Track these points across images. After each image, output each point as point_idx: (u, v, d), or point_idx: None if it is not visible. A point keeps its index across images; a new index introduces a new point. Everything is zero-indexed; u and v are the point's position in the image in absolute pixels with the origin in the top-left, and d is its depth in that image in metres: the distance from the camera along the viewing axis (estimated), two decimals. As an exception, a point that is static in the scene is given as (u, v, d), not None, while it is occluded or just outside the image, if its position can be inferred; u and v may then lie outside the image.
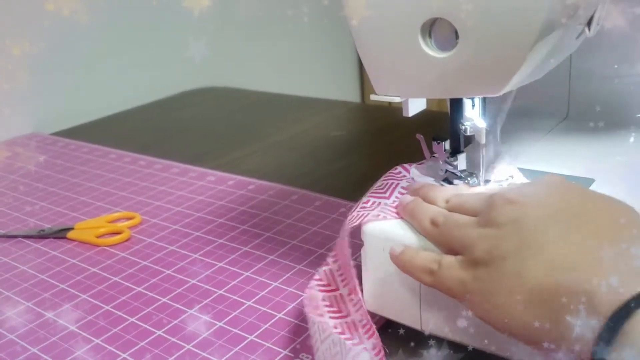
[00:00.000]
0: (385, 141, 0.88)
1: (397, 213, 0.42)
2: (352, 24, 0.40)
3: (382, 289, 0.43)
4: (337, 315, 0.42)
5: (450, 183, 0.45)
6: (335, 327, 0.40)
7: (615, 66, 0.54)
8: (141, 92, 1.19)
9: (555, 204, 0.33)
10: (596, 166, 0.49)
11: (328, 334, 0.37)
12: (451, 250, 0.36)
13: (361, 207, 0.44)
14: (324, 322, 0.39)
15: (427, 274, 0.36)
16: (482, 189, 0.43)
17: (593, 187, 0.48)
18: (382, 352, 0.37)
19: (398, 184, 0.47)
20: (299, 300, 0.49)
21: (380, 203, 0.45)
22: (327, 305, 0.42)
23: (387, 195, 0.46)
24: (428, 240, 0.39)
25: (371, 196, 0.46)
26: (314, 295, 0.43)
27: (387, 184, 0.47)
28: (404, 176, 0.49)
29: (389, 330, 0.43)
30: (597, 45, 0.51)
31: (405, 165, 0.50)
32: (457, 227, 0.36)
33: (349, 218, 0.43)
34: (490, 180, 0.45)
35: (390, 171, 0.49)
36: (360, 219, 0.42)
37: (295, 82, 1.49)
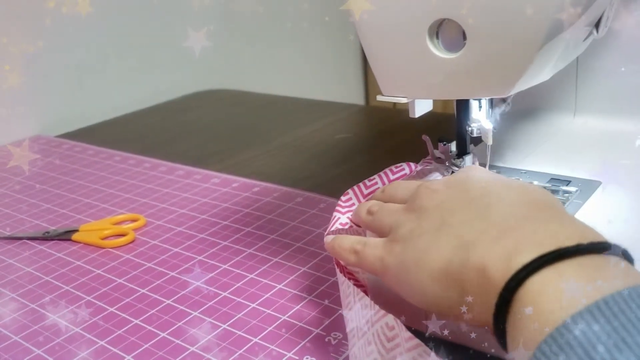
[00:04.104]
0: (390, 143, 0.87)
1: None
2: (358, 25, 0.40)
3: (386, 292, 0.42)
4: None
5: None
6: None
7: (623, 69, 0.54)
8: (146, 94, 1.19)
9: (471, 190, 0.35)
10: (604, 168, 0.49)
11: (362, 296, 0.38)
12: (383, 235, 0.38)
13: (337, 206, 0.47)
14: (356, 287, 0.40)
15: (352, 254, 0.39)
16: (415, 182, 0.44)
17: (599, 190, 0.47)
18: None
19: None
20: (304, 302, 0.49)
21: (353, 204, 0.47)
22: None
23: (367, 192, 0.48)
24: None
25: (352, 190, 0.48)
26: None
27: (375, 179, 0.48)
28: (405, 174, 0.49)
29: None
30: (605, 45, 0.51)
31: (410, 163, 0.50)
32: (388, 214, 0.39)
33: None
34: None
35: (392, 167, 0.49)
36: (333, 222, 0.46)
37: (299, 85, 1.49)
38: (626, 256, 0.29)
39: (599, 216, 0.46)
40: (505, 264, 0.29)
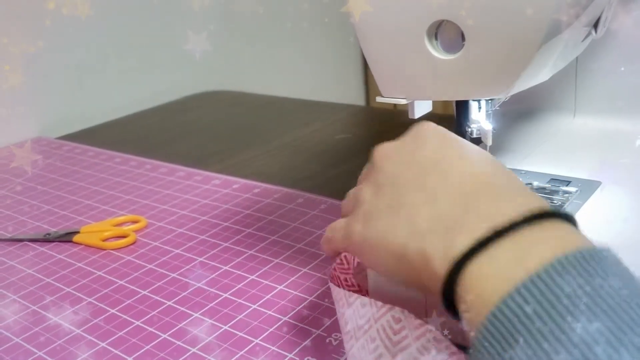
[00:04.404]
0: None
1: None
2: (357, 27, 0.40)
3: (387, 293, 0.42)
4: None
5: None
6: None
7: (622, 69, 0.54)
8: (146, 95, 1.19)
9: (421, 163, 0.34)
10: (603, 168, 0.49)
11: (356, 297, 0.38)
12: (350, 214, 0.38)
13: None
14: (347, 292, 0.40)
15: (327, 244, 0.39)
16: None
17: (600, 190, 0.48)
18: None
19: None
20: (305, 303, 0.49)
21: None
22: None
23: None
24: None
25: None
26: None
27: None
28: None
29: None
30: (604, 45, 0.51)
31: None
32: (353, 193, 0.39)
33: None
34: None
35: None
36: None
37: (299, 86, 1.49)
38: (569, 219, 0.29)
39: (599, 216, 0.46)
40: (445, 254, 0.29)
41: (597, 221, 0.45)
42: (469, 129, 0.43)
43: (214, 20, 1.30)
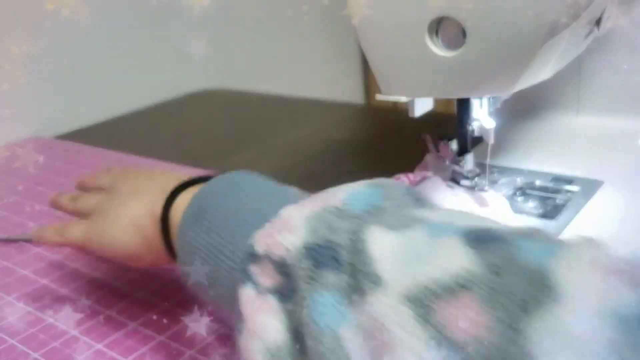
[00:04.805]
0: (391, 143, 0.87)
1: None
2: (357, 24, 0.40)
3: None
4: None
5: (457, 183, 0.44)
6: None
7: (625, 67, 0.54)
8: (143, 95, 1.18)
9: (144, 172, 0.49)
10: (606, 167, 0.48)
11: None
12: (84, 218, 0.48)
13: None
14: None
15: (56, 236, 0.47)
16: None
17: (602, 189, 0.47)
18: None
19: None
20: (304, 304, 0.48)
21: None
22: None
23: None
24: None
25: None
26: None
27: None
28: None
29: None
30: (607, 43, 0.51)
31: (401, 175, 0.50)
32: (92, 198, 0.49)
33: None
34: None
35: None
36: None
37: (298, 84, 1.49)
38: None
39: (601, 215, 0.45)
40: (162, 202, 0.41)
41: (598, 220, 0.45)
42: (471, 127, 0.42)
43: (213, 19, 1.30)
